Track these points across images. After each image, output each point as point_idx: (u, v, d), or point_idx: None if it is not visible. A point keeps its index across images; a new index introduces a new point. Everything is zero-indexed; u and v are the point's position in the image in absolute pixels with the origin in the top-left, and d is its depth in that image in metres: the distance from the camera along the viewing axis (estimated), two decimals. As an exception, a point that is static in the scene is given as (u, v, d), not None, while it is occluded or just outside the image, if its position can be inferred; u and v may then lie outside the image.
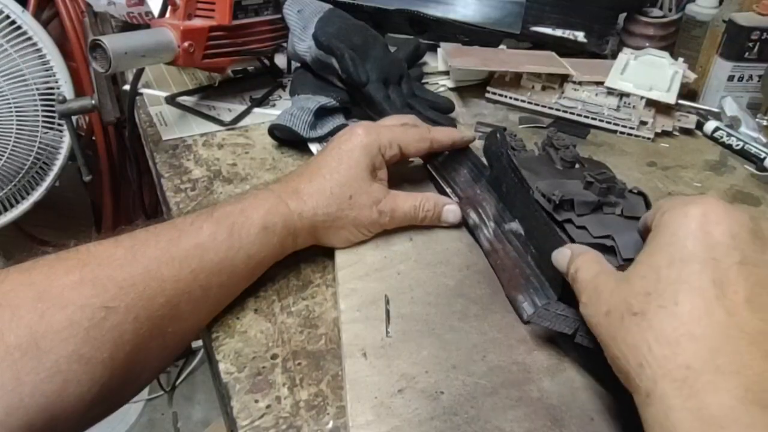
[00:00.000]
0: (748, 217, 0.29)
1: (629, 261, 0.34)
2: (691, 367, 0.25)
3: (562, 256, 0.37)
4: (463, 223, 0.49)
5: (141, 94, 0.70)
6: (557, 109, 0.69)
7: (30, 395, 0.30)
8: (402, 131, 0.48)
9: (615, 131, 0.67)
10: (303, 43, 0.64)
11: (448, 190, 0.51)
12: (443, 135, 0.51)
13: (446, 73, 0.77)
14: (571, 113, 0.69)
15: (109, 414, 0.35)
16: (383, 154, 0.46)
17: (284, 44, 0.70)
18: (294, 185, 0.44)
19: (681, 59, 0.72)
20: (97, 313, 0.33)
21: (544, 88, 0.72)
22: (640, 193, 0.43)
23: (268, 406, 0.35)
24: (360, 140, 0.45)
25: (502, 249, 0.45)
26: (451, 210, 0.48)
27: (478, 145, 0.55)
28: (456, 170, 0.52)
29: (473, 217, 0.48)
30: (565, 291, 0.40)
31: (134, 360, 0.35)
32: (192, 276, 0.37)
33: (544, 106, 0.70)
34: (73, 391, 0.31)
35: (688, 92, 0.75)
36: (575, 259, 0.36)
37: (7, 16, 0.93)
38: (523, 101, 0.70)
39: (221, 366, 0.38)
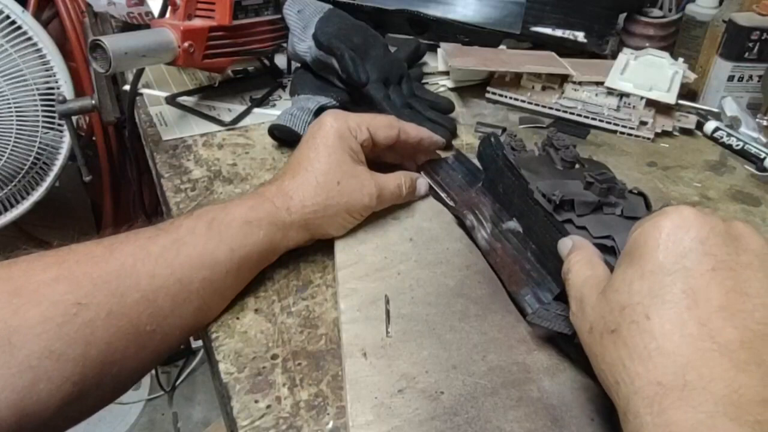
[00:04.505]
0: (720, 219, 0.29)
1: None
2: (662, 384, 0.25)
3: (564, 247, 0.37)
4: (460, 226, 0.49)
5: (141, 94, 0.70)
6: (557, 109, 0.69)
7: (0, 390, 0.30)
8: (369, 116, 0.48)
9: (615, 131, 0.67)
10: (303, 43, 0.64)
11: (443, 195, 0.51)
12: (412, 128, 0.51)
13: (446, 73, 0.77)
14: (571, 113, 0.69)
15: (86, 416, 0.35)
16: (355, 137, 0.46)
17: (284, 44, 0.70)
18: (277, 184, 0.44)
19: (681, 59, 0.72)
20: (70, 309, 0.33)
21: (544, 88, 0.72)
22: (641, 194, 0.43)
23: (268, 407, 0.35)
24: (330, 125, 0.45)
25: (501, 248, 0.45)
26: (422, 182, 0.51)
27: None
28: (450, 176, 0.53)
29: (470, 218, 0.48)
30: None
31: (109, 359, 0.34)
32: (169, 270, 0.37)
33: (544, 106, 0.70)
34: (44, 387, 0.31)
35: (688, 92, 0.75)
36: (570, 255, 0.36)
37: (7, 16, 0.93)
38: (523, 101, 0.70)
39: (221, 366, 0.38)
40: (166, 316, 0.37)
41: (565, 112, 0.69)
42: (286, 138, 0.60)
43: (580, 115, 0.68)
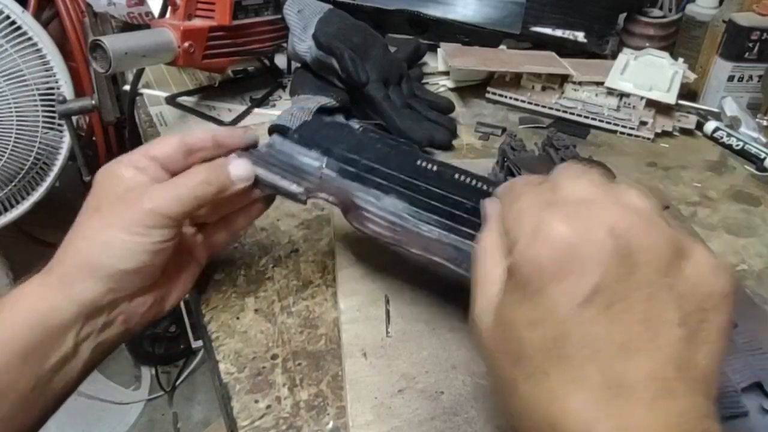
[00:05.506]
0: (607, 230, 0.23)
1: None
2: None
3: (482, 209, 0.32)
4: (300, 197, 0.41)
5: (141, 94, 0.70)
6: (557, 110, 0.69)
7: None
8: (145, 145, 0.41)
9: (615, 131, 0.68)
10: (303, 43, 0.64)
11: (283, 183, 0.40)
12: (198, 131, 0.42)
13: (446, 73, 0.77)
14: (571, 113, 0.69)
15: None
16: (128, 160, 0.38)
17: (284, 44, 0.70)
18: None
19: (681, 59, 0.72)
20: None
21: (544, 89, 0.72)
22: (640, 193, 0.43)
23: (268, 407, 0.35)
24: (94, 181, 0.38)
25: (401, 229, 0.38)
26: (239, 163, 0.39)
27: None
28: (281, 161, 0.41)
29: (334, 202, 0.40)
30: None
31: None
32: None
33: (544, 107, 0.70)
34: None
35: (688, 92, 0.75)
36: (483, 226, 0.30)
37: (7, 17, 0.93)
38: (523, 101, 0.71)
39: (221, 366, 0.38)
40: None
41: (565, 112, 0.69)
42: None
43: (580, 115, 0.68)
